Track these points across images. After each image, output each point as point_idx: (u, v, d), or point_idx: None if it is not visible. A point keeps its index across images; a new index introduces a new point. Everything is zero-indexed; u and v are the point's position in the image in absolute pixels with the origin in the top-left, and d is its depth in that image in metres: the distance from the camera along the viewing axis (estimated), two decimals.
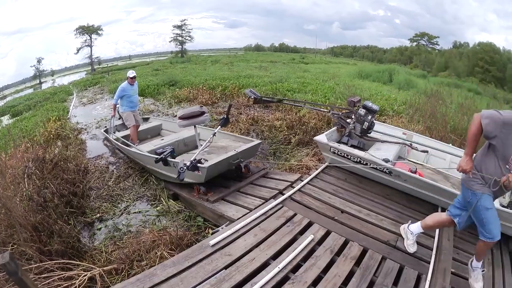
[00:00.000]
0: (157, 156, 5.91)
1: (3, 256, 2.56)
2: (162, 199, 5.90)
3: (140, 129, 8.80)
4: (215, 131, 6.33)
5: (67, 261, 4.10)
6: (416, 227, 3.98)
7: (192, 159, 5.27)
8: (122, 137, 8.28)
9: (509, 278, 3.91)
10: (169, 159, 5.83)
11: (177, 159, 5.82)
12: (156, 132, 9.40)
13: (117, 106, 8.69)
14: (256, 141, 6.70)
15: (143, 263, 4.10)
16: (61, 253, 4.25)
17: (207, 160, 5.58)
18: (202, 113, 6.39)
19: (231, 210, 4.83)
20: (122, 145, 7.76)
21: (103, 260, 4.33)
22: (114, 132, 8.60)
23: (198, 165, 5.22)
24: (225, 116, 6.55)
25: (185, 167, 5.05)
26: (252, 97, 7.84)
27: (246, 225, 4.17)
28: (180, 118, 6.33)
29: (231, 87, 15.65)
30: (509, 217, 4.22)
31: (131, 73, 8.51)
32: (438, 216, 3.92)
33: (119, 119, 9.07)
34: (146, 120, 10.23)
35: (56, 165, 6.57)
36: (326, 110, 7.86)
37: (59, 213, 5.07)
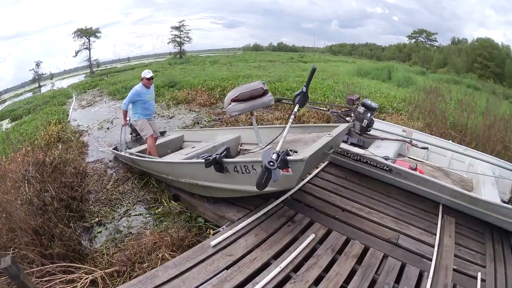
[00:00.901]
0: (206, 160, 4.18)
1: (4, 260, 2.58)
2: (163, 200, 5.79)
3: (156, 143, 7.16)
4: (295, 111, 4.26)
5: (68, 264, 4.10)
6: None
7: (277, 150, 3.42)
8: (138, 152, 6.92)
9: (511, 273, 3.91)
10: (226, 160, 4.07)
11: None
12: (177, 146, 7.81)
13: (128, 119, 7.16)
14: (345, 125, 5.03)
15: (145, 265, 4.09)
16: (63, 256, 4.25)
17: (296, 152, 3.78)
18: (265, 92, 5.07)
19: (232, 211, 4.79)
20: (141, 159, 6.38)
21: (105, 262, 4.33)
22: (125, 149, 7.26)
23: (289, 158, 3.38)
24: (304, 89, 4.33)
25: (276, 162, 3.17)
26: None
27: (247, 225, 4.17)
28: (234, 100, 4.90)
29: (230, 87, 15.52)
30: (510, 213, 4.23)
31: (147, 73, 6.78)
32: None
33: (130, 133, 7.93)
34: (162, 134, 8.45)
35: (56, 168, 6.52)
36: (325, 109, 7.85)
37: (59, 217, 5.06)
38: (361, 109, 5.87)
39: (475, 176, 5.52)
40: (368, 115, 5.81)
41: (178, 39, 59.02)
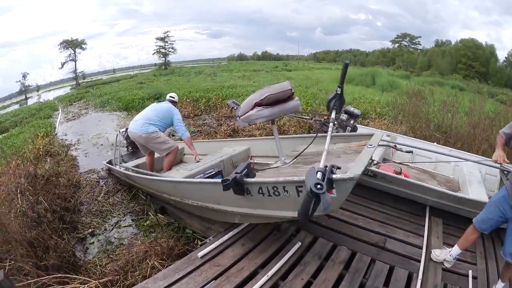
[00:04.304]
0: (224, 181, 3.21)
1: None
2: (150, 213, 5.77)
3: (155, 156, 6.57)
4: (333, 117, 3.68)
5: (63, 275, 4.11)
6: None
7: (321, 166, 2.65)
8: (134, 167, 6.50)
9: None
10: (249, 180, 3.18)
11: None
12: (177, 159, 7.05)
13: (122, 131, 7.06)
14: (379, 133, 4.33)
15: (136, 273, 4.12)
16: (57, 268, 4.27)
17: (339, 168, 2.78)
18: (292, 94, 4.29)
19: (218, 222, 4.73)
20: (138, 175, 5.82)
21: (98, 273, 4.35)
22: (121, 163, 6.78)
23: (335, 177, 2.60)
24: (338, 90, 3.68)
25: (324, 183, 2.33)
26: (235, 107, 7.70)
27: (234, 235, 4.20)
28: (259, 104, 4.02)
29: (215, 98, 15.68)
30: None
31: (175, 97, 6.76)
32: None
33: (126, 147, 7.62)
34: None
35: (48, 180, 6.56)
36: (308, 117, 7.88)
37: (53, 229, 5.12)
38: (344, 116, 5.93)
39: (461, 176, 5.57)
40: (351, 122, 5.88)
41: (163, 50, 59.10)
